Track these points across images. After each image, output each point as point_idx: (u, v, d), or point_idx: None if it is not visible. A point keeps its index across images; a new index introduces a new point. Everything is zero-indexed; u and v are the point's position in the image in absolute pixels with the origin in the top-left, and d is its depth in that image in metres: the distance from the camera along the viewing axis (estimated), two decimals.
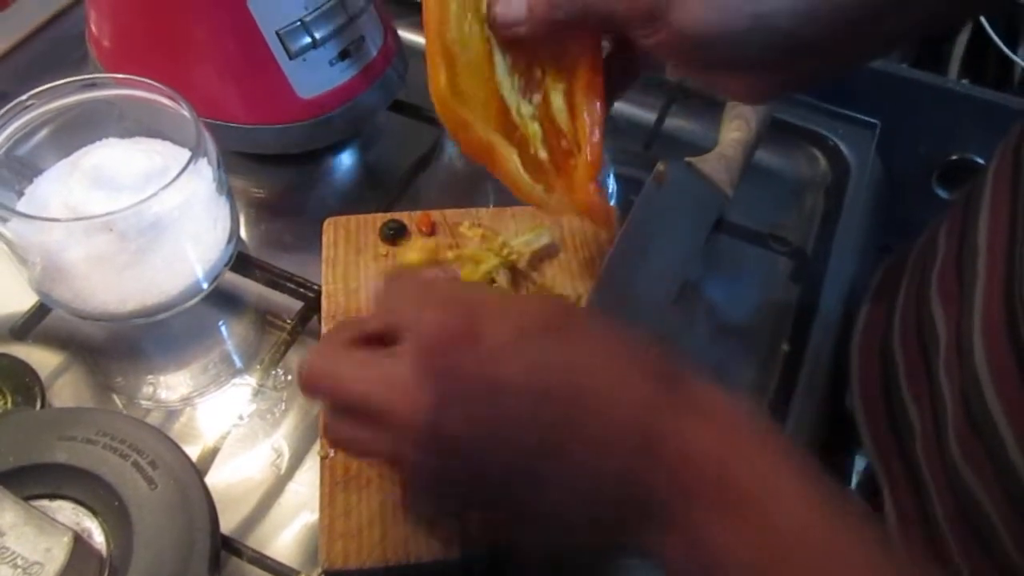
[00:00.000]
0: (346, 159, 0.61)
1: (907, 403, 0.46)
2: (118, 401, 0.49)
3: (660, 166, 0.53)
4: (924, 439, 0.43)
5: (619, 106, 0.67)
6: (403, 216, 0.51)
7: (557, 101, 0.43)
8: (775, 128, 0.61)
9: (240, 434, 0.47)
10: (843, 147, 0.65)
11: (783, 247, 0.58)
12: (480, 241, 0.49)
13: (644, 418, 0.30)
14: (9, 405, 0.46)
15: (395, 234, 0.50)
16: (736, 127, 0.57)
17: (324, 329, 0.47)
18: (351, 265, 0.49)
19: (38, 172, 0.49)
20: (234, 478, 0.45)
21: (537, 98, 0.43)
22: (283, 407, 0.48)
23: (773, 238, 0.58)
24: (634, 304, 0.49)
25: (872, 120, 0.66)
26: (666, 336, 0.50)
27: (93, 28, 0.58)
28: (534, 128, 0.43)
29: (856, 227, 0.60)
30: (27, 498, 0.36)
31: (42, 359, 0.49)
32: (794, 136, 0.66)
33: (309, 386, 0.33)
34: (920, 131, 0.69)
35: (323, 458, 0.41)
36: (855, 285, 0.58)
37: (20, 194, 0.48)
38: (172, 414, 0.48)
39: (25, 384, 0.47)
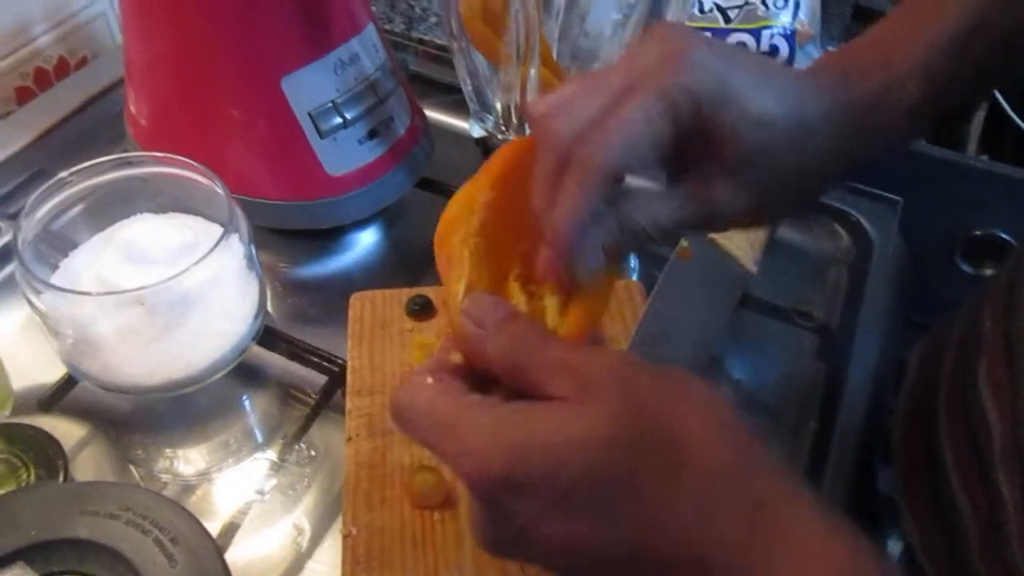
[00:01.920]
0: (372, 234, 0.62)
1: (957, 498, 0.43)
2: (138, 474, 0.49)
3: (684, 243, 0.53)
4: (980, 537, 0.41)
5: (639, 181, 0.68)
6: (429, 291, 0.52)
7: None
8: None
9: (261, 510, 0.46)
10: (866, 223, 0.65)
11: (808, 323, 0.57)
12: None
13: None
14: (32, 477, 0.46)
15: (421, 310, 0.50)
16: None
17: (348, 404, 0.47)
18: (376, 340, 0.49)
19: (73, 246, 0.50)
20: (254, 555, 0.45)
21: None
22: (305, 483, 0.48)
23: (798, 313, 0.57)
24: None
25: (894, 197, 0.66)
26: None
27: (131, 107, 0.60)
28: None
29: (881, 303, 0.60)
30: (48, 575, 0.36)
31: (67, 431, 0.49)
32: (816, 212, 0.66)
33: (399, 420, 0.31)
34: (942, 207, 0.70)
35: (345, 537, 0.40)
36: (882, 362, 0.58)
37: (55, 267, 0.49)
38: (192, 488, 0.48)
39: (48, 456, 0.47)
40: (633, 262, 0.60)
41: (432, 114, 0.65)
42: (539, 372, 0.29)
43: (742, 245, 0.55)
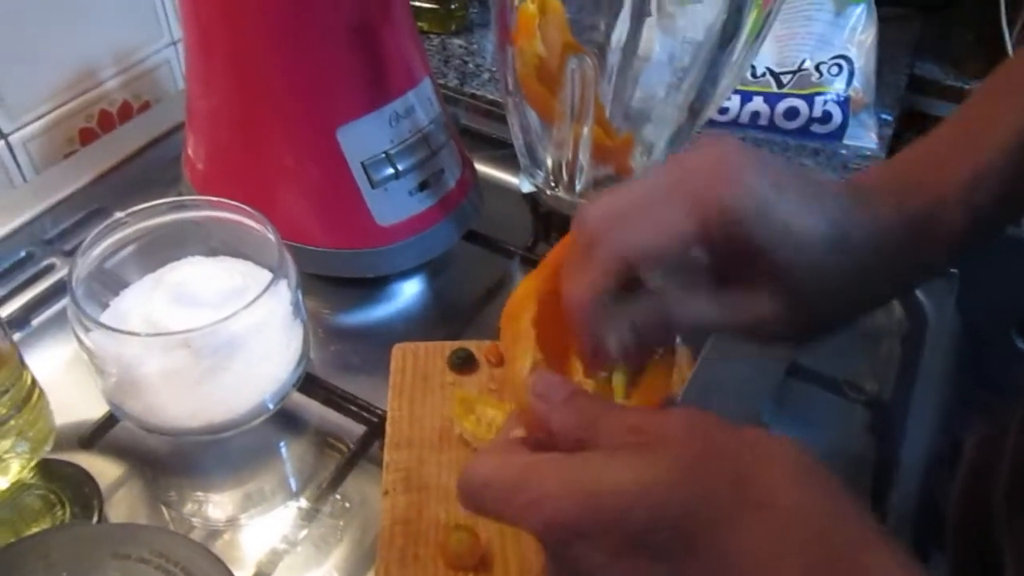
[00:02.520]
0: (416, 285, 0.62)
1: None
2: (171, 516, 0.48)
3: None
4: None
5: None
6: (472, 345, 0.51)
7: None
8: None
9: (292, 561, 0.45)
10: (920, 295, 0.63)
11: (859, 395, 0.56)
12: None
13: None
14: (67, 516, 0.46)
15: (463, 363, 0.50)
16: None
17: (386, 457, 0.46)
18: (417, 392, 0.49)
19: (124, 285, 0.51)
20: None
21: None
22: (338, 535, 0.47)
23: (848, 385, 0.56)
24: None
25: (951, 269, 0.64)
26: None
27: (189, 151, 0.61)
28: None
29: (936, 379, 0.58)
30: None
31: (104, 469, 0.49)
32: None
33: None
34: (999, 282, 0.68)
35: None
36: (936, 441, 0.55)
37: (105, 306, 0.49)
38: (223, 533, 0.47)
39: (85, 494, 0.47)
40: None
41: (481, 168, 0.66)
42: (606, 439, 0.28)
43: None
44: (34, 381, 0.46)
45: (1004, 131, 0.36)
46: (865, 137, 0.75)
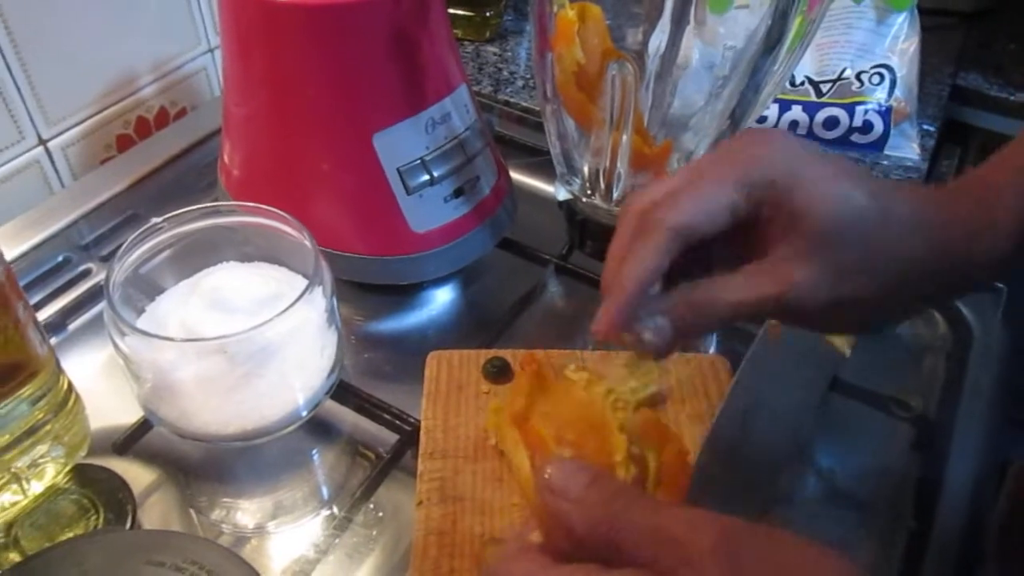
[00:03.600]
0: (449, 292, 0.62)
1: None
2: (203, 523, 0.48)
3: (773, 320, 0.51)
4: None
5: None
6: (506, 354, 0.51)
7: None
8: None
9: (324, 570, 0.45)
10: (965, 310, 0.62)
11: (904, 412, 0.54)
12: (585, 386, 0.48)
13: None
14: (101, 521, 0.46)
15: (498, 372, 0.49)
16: None
17: (420, 467, 0.45)
18: (452, 401, 0.48)
19: (159, 290, 0.51)
20: None
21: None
22: (370, 545, 0.46)
23: (894, 402, 0.54)
24: (744, 466, 0.46)
25: (998, 285, 0.62)
26: (775, 502, 0.47)
27: (225, 158, 0.61)
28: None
29: (982, 396, 0.56)
30: None
31: (137, 475, 0.49)
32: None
33: None
34: None
35: None
36: (983, 461, 0.54)
37: (141, 311, 0.49)
38: (255, 540, 0.47)
39: (119, 500, 0.47)
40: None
41: (514, 175, 0.65)
42: (635, 545, 0.27)
43: None
44: (70, 386, 0.46)
45: None
46: (907, 147, 0.74)
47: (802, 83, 0.74)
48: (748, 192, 0.33)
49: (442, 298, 0.61)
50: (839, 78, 0.73)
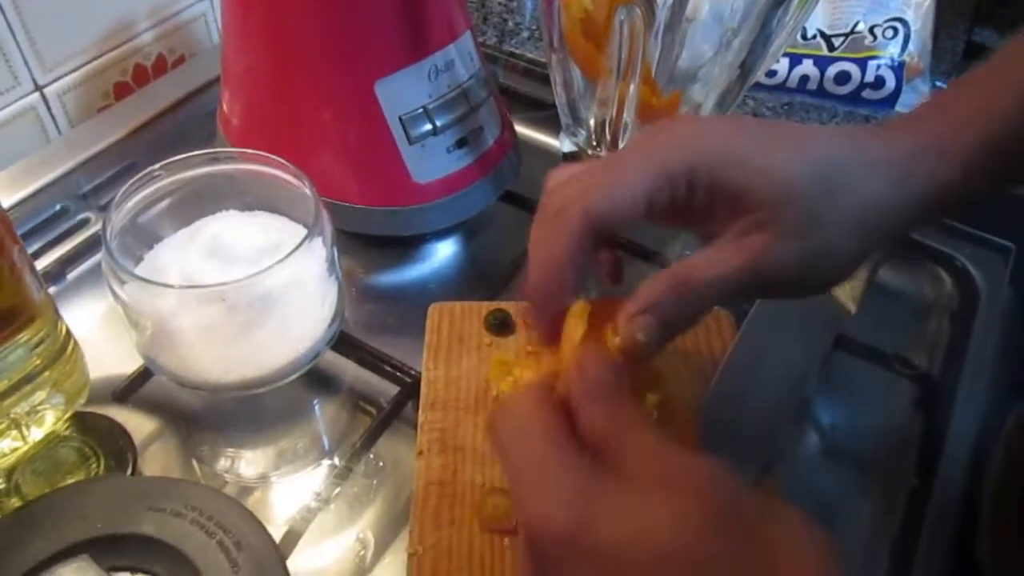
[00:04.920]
0: (451, 245, 0.61)
1: None
2: (204, 472, 0.48)
3: None
4: None
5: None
6: (509, 307, 0.50)
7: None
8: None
9: (324, 519, 0.45)
10: (972, 269, 0.61)
11: (908, 370, 0.54)
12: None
13: None
14: (102, 468, 0.46)
15: (500, 325, 0.49)
16: None
17: (421, 418, 0.45)
18: (454, 353, 0.48)
19: (158, 239, 0.50)
20: (315, 565, 0.43)
21: None
22: (371, 495, 0.46)
23: (897, 359, 0.54)
24: (747, 420, 0.46)
25: (1006, 243, 0.62)
26: (778, 458, 0.47)
27: (224, 106, 0.60)
28: None
29: (987, 358, 0.56)
30: (110, 569, 0.35)
31: (138, 423, 0.49)
32: (918, 254, 0.62)
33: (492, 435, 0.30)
34: None
35: (411, 555, 0.39)
36: (986, 422, 0.54)
37: (139, 260, 0.49)
38: (255, 490, 0.47)
39: (119, 448, 0.47)
40: None
41: (519, 129, 0.64)
42: (631, 461, 0.27)
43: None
44: (68, 333, 0.46)
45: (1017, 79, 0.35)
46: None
47: (814, 36, 0.73)
48: (668, 180, 0.33)
49: (444, 251, 0.61)
50: (852, 31, 0.72)
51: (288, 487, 0.47)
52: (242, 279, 0.42)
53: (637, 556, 0.25)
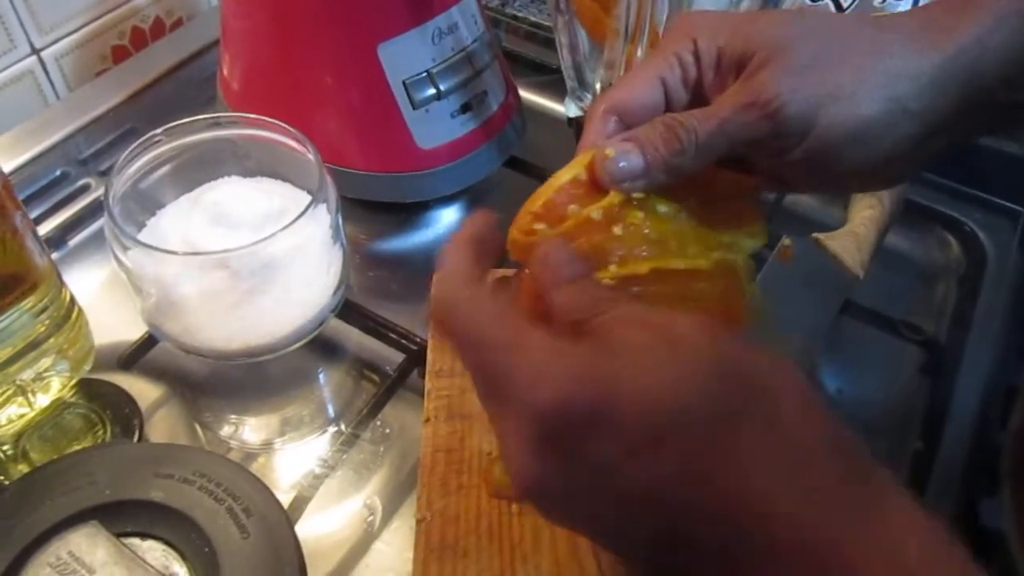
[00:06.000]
0: (456, 211, 0.61)
1: None
2: (210, 439, 0.48)
3: (786, 241, 0.50)
4: None
5: None
6: (511, 274, 0.50)
7: None
8: (906, 209, 0.58)
9: (332, 485, 0.45)
10: (980, 234, 0.61)
11: (915, 335, 0.54)
12: None
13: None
14: (108, 435, 0.46)
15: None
16: (868, 204, 0.54)
17: (428, 385, 0.45)
18: None
19: (160, 205, 0.50)
20: (323, 530, 0.44)
21: None
22: (378, 461, 0.46)
23: (904, 325, 0.54)
24: None
25: (1015, 207, 0.61)
26: None
27: (224, 70, 0.59)
28: None
29: (995, 322, 0.56)
30: (119, 535, 0.35)
31: (143, 390, 0.49)
32: (926, 219, 0.62)
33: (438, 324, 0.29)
34: None
35: (419, 521, 0.39)
36: (991, 385, 0.53)
37: (142, 226, 0.48)
38: (262, 456, 0.47)
39: (125, 415, 0.47)
40: None
41: (523, 93, 0.63)
42: (610, 325, 0.26)
43: (848, 247, 0.52)
44: (73, 299, 0.45)
45: None
46: None
47: None
48: (675, 58, 0.33)
49: (448, 217, 0.60)
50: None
51: (294, 454, 0.47)
52: (246, 246, 0.41)
53: (661, 416, 0.24)
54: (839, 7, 0.72)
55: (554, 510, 0.27)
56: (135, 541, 0.36)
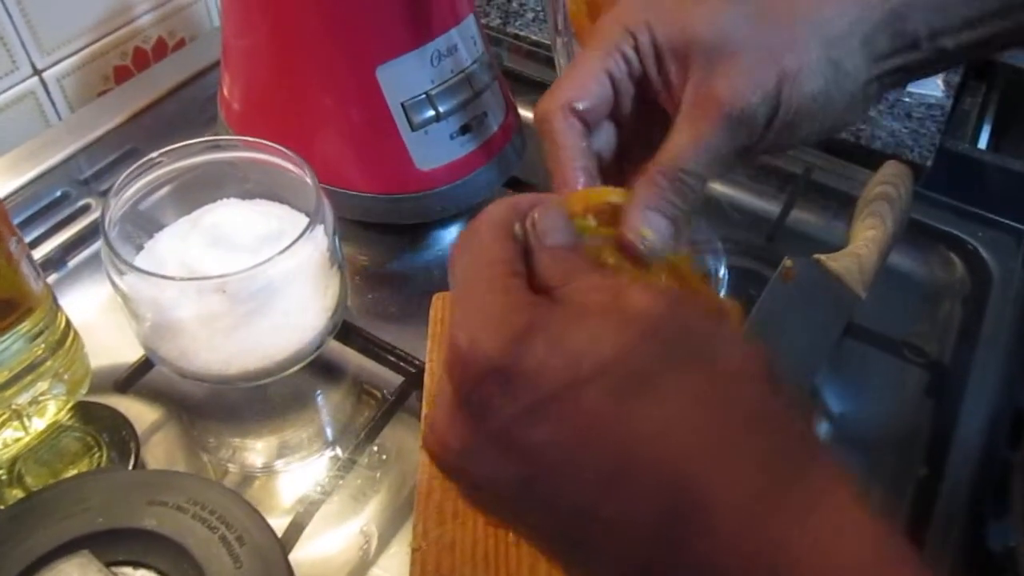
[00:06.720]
0: (456, 233, 0.60)
1: None
2: (207, 462, 0.48)
3: (788, 262, 0.50)
4: None
5: (740, 195, 0.65)
6: None
7: None
8: (909, 228, 0.57)
9: (328, 511, 0.44)
10: (984, 253, 0.60)
11: (919, 357, 0.53)
12: None
13: (753, 537, 0.22)
14: (105, 458, 0.45)
15: None
16: (871, 225, 0.54)
17: (424, 410, 0.45)
18: None
19: (159, 227, 0.50)
20: (318, 557, 0.43)
21: None
22: (375, 487, 0.46)
23: (907, 347, 0.53)
24: None
25: (1018, 226, 0.61)
26: None
27: (225, 91, 0.59)
28: None
29: (1000, 342, 0.55)
30: (111, 564, 0.35)
31: (140, 413, 0.49)
32: (929, 238, 0.62)
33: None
34: None
35: (414, 550, 0.38)
36: (997, 407, 0.53)
37: (140, 248, 0.48)
38: (258, 480, 0.47)
39: (122, 438, 0.46)
40: (723, 276, 0.57)
41: (523, 112, 0.63)
42: (574, 292, 0.26)
43: (850, 267, 0.51)
44: (68, 323, 0.45)
45: None
46: (931, 84, 0.71)
47: None
48: (617, 51, 0.34)
49: (448, 238, 0.60)
50: None
51: (291, 478, 0.47)
52: (242, 271, 0.41)
53: (568, 380, 0.23)
54: None
55: (473, 488, 0.26)
56: (127, 570, 0.35)
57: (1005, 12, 0.35)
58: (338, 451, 0.48)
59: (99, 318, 0.54)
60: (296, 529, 0.42)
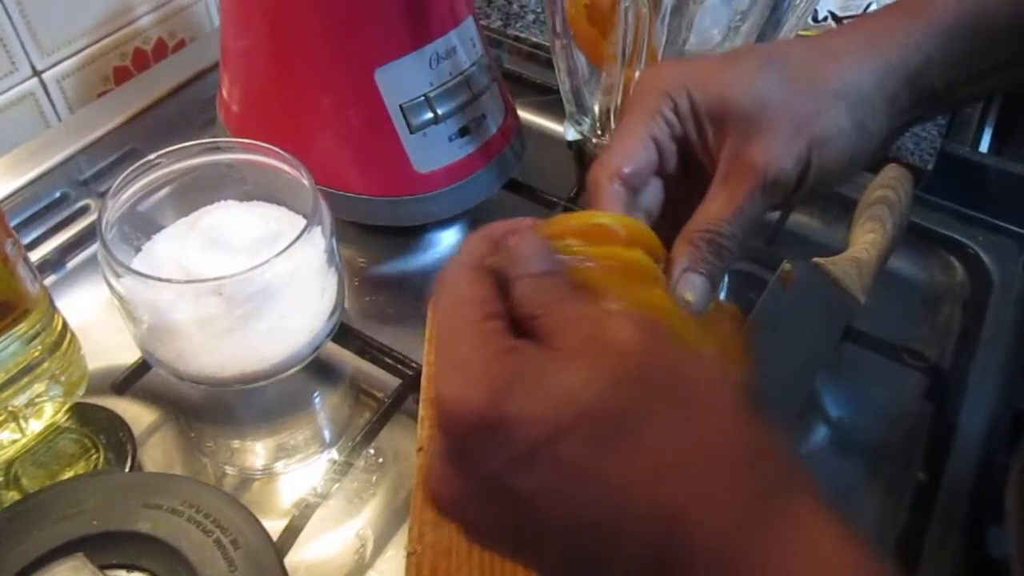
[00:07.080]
0: (454, 235, 0.60)
1: None
2: (205, 463, 0.48)
3: (787, 266, 0.50)
4: None
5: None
6: None
7: None
8: (908, 232, 0.57)
9: (324, 514, 0.44)
10: (985, 257, 0.60)
11: (918, 361, 0.53)
12: None
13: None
14: (102, 460, 0.45)
15: None
16: (870, 229, 0.54)
17: (421, 412, 0.45)
18: None
19: (157, 228, 0.50)
20: (313, 561, 0.43)
21: None
22: (371, 490, 0.46)
23: (907, 351, 0.53)
24: None
25: (1019, 230, 0.60)
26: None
27: (224, 93, 0.59)
28: None
29: (999, 346, 0.55)
30: (105, 567, 0.35)
31: (137, 415, 0.48)
32: (929, 242, 0.61)
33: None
34: None
35: (410, 555, 0.38)
36: (996, 412, 0.53)
37: (137, 249, 0.48)
38: (256, 483, 0.47)
39: (119, 440, 0.46)
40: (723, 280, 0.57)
41: (523, 114, 0.63)
42: (553, 324, 0.26)
43: (850, 271, 0.51)
44: (65, 325, 0.45)
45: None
46: None
47: (825, 18, 0.71)
48: (660, 116, 0.35)
49: (447, 241, 0.60)
50: (865, 12, 0.70)
51: (288, 481, 0.47)
52: (239, 273, 0.41)
53: (550, 429, 0.23)
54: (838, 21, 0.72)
55: (471, 531, 0.27)
56: (121, 573, 0.35)
57: (1017, 61, 0.37)
58: (335, 454, 0.48)
59: (97, 319, 0.54)
60: (292, 532, 0.42)
